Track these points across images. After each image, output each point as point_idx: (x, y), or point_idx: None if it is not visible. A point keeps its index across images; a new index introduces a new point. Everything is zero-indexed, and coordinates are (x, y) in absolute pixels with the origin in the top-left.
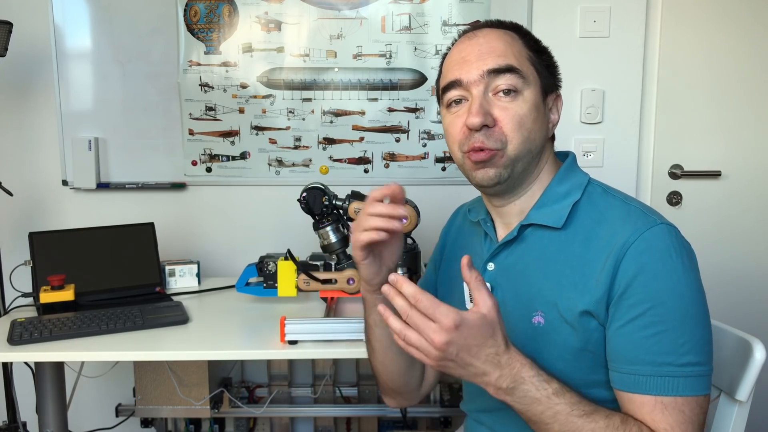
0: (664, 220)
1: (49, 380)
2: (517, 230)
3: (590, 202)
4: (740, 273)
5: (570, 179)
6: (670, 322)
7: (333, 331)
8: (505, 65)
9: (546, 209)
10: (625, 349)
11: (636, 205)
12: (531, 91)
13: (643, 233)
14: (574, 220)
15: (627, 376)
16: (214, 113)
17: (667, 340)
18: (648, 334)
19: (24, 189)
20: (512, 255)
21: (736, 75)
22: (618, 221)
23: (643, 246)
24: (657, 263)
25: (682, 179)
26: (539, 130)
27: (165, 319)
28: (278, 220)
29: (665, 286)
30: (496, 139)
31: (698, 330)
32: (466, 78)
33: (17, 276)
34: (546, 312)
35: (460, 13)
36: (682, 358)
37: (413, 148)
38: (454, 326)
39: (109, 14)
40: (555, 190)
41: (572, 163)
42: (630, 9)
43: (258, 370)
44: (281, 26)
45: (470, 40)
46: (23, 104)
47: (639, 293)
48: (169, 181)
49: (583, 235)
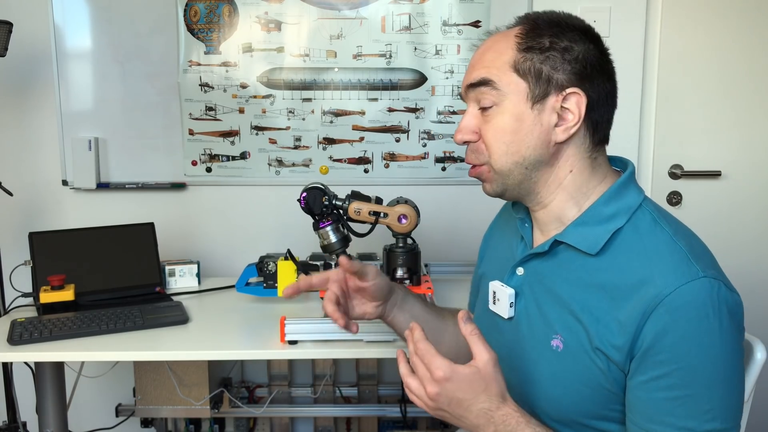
0: (708, 272)
1: (49, 380)
2: (549, 245)
3: (635, 232)
4: (740, 273)
5: (620, 200)
6: (697, 387)
7: (333, 331)
8: (479, 79)
9: (584, 229)
10: (645, 405)
11: (683, 245)
12: (511, 102)
13: (681, 287)
14: (611, 248)
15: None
16: (214, 113)
17: (690, 405)
18: (671, 396)
19: (24, 189)
20: (542, 267)
21: (736, 75)
22: (657, 261)
23: (678, 302)
24: (690, 322)
25: (682, 179)
26: (527, 140)
27: (165, 319)
28: (278, 220)
29: (696, 349)
30: (479, 152)
31: (727, 395)
32: (462, 92)
33: (17, 276)
34: (565, 337)
35: (460, 13)
36: (705, 425)
37: (413, 148)
38: (444, 378)
39: (108, 14)
40: (600, 209)
41: (628, 179)
42: (630, 9)
43: (258, 370)
44: (281, 26)
45: (477, 49)
46: (23, 104)
47: (666, 352)
48: (169, 181)
49: (618, 268)
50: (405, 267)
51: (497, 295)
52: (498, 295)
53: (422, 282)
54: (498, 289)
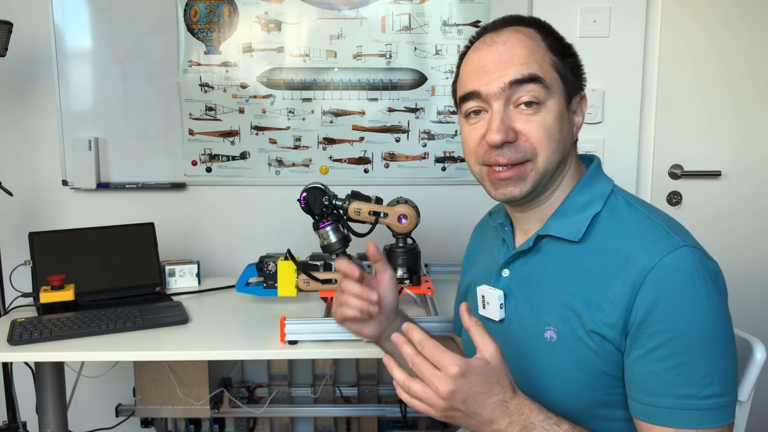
0: (688, 241)
1: (49, 380)
2: (533, 240)
3: (612, 215)
4: (740, 273)
5: (592, 188)
6: (693, 353)
7: (333, 331)
8: (528, 75)
9: (564, 220)
10: (645, 379)
11: (659, 221)
12: (555, 101)
13: (664, 257)
14: (592, 233)
15: (647, 407)
16: (214, 113)
17: (689, 372)
18: (669, 365)
19: (24, 189)
20: (528, 264)
21: (736, 75)
22: (638, 238)
23: (664, 272)
24: (678, 291)
25: (682, 179)
26: (566, 139)
27: (165, 319)
28: (278, 220)
29: (687, 315)
30: (524, 150)
31: (723, 359)
32: (485, 90)
33: (17, 276)
34: (558, 328)
35: (460, 13)
36: (705, 390)
37: (413, 148)
38: (460, 374)
39: (108, 14)
40: (575, 199)
41: (596, 169)
42: (630, 9)
43: (258, 370)
44: (281, 26)
45: (489, 47)
46: (23, 104)
47: (659, 322)
48: (169, 181)
49: (601, 251)
50: (405, 267)
51: (486, 299)
52: (487, 299)
53: (422, 282)
54: (486, 292)
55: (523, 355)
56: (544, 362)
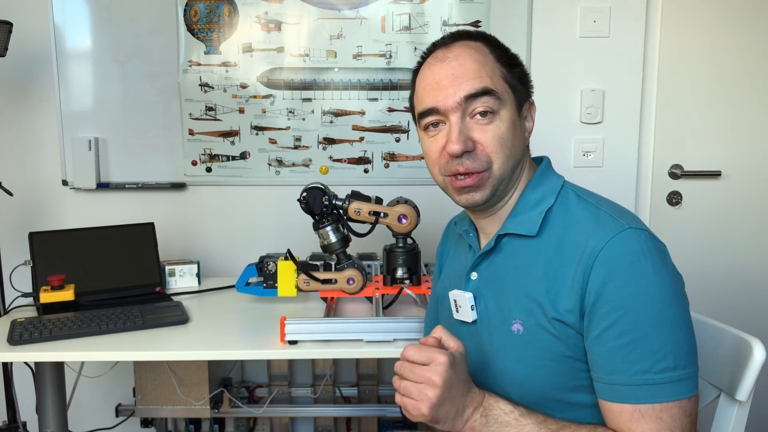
0: (633, 224)
1: (49, 380)
2: (495, 240)
3: (563, 208)
4: (740, 273)
5: (543, 185)
6: (643, 328)
7: (333, 331)
8: (481, 89)
9: (521, 217)
10: (602, 358)
11: (606, 209)
12: (507, 110)
13: (610, 240)
14: (547, 227)
15: (606, 386)
16: (214, 113)
17: (642, 348)
18: (622, 342)
19: (24, 189)
20: (492, 264)
21: (736, 75)
22: (588, 226)
23: (611, 253)
24: (625, 270)
25: (682, 179)
26: (519, 145)
27: (165, 319)
28: (278, 220)
29: (635, 292)
30: (481, 160)
31: (675, 333)
32: (443, 105)
33: (17, 276)
34: (524, 320)
35: (460, 13)
36: (659, 364)
37: (413, 148)
38: (449, 363)
39: (108, 14)
40: (528, 197)
41: (546, 168)
42: (630, 9)
43: (258, 370)
44: (281, 26)
45: (442, 63)
46: (23, 104)
47: (610, 302)
48: (169, 181)
49: (556, 242)
50: (405, 267)
51: (458, 303)
52: (459, 302)
53: (422, 282)
54: (458, 296)
55: (495, 350)
56: (514, 354)
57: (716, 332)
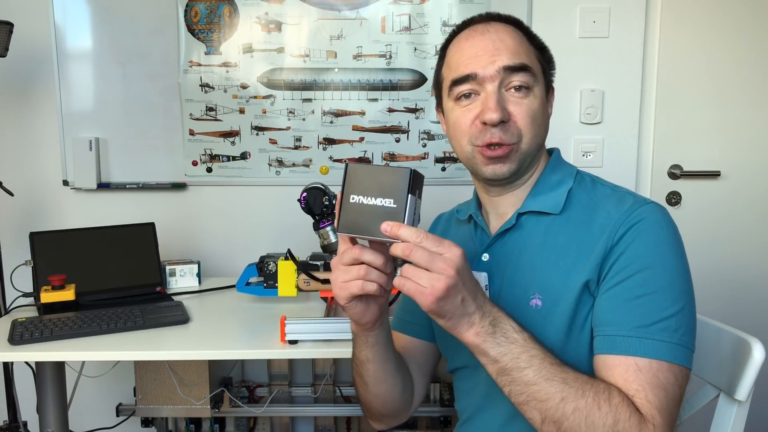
0: (655, 202)
1: (50, 380)
2: (515, 218)
3: (583, 190)
4: (739, 273)
5: (561, 169)
6: (656, 285)
7: (333, 331)
8: (520, 63)
9: (543, 196)
10: (609, 311)
11: (625, 192)
12: (539, 89)
13: (637, 209)
14: (570, 205)
15: (606, 338)
16: (214, 113)
17: (651, 303)
18: (633, 295)
19: (25, 189)
20: (508, 243)
21: (735, 75)
22: (611, 205)
23: (637, 219)
24: (649, 234)
25: (682, 179)
26: (546, 125)
27: (165, 319)
28: (278, 220)
29: (654, 252)
30: (513, 133)
31: (682, 302)
32: (482, 73)
33: (18, 276)
34: (544, 294)
35: (460, 14)
36: (662, 323)
37: (413, 148)
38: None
39: (109, 14)
40: (549, 178)
41: (560, 155)
42: (630, 9)
43: (258, 370)
44: (281, 27)
45: (482, 35)
46: (24, 104)
47: (628, 258)
48: (169, 181)
49: (580, 219)
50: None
51: None
52: None
53: None
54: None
55: None
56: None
57: (716, 332)
